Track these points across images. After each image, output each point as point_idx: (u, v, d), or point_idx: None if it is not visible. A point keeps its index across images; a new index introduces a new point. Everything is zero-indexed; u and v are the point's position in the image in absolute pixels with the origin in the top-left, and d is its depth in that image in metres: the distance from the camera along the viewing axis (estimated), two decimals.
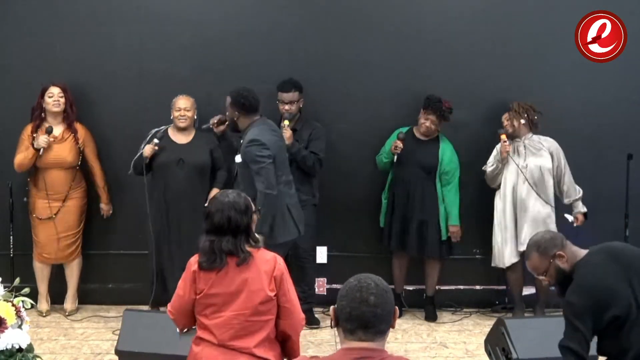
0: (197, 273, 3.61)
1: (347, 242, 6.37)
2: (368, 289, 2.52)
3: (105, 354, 5.42)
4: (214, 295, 3.58)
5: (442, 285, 6.39)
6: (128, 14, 6.20)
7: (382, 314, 2.51)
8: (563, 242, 3.72)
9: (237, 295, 3.57)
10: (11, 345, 3.49)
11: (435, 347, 5.69)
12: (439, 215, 6.04)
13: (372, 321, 2.50)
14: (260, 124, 5.16)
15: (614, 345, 3.58)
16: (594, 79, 6.21)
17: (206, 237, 3.61)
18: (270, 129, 5.22)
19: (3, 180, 6.08)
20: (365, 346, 2.51)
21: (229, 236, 3.58)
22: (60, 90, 5.95)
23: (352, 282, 2.57)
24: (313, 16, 6.26)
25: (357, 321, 2.51)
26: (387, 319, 2.53)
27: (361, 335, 2.51)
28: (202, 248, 3.60)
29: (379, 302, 2.51)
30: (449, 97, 6.12)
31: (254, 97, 5.19)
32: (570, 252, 3.69)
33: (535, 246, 3.74)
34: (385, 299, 2.52)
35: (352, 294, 2.53)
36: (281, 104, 5.89)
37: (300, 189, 5.81)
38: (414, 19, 6.28)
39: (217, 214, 3.59)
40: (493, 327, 4.65)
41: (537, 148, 5.95)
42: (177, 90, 5.95)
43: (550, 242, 3.71)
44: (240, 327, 3.57)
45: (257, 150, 4.99)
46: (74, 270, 6.16)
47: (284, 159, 5.33)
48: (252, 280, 3.58)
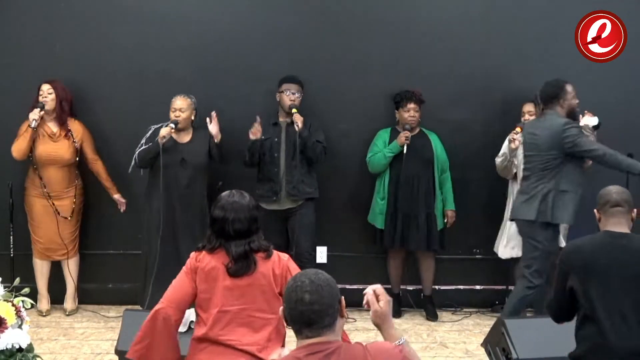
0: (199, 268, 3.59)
1: (347, 242, 6.37)
2: (302, 287, 2.52)
3: (105, 354, 5.42)
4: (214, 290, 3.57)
5: (442, 285, 6.39)
6: (128, 14, 6.20)
7: (320, 310, 2.50)
8: (608, 206, 3.73)
9: (243, 289, 3.57)
10: (11, 345, 3.49)
11: (435, 347, 5.69)
12: (437, 206, 6.09)
13: (313, 318, 2.50)
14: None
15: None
16: (594, 79, 6.21)
17: (235, 243, 3.57)
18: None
19: (3, 180, 6.08)
20: (314, 342, 2.52)
21: (254, 236, 3.60)
22: (49, 87, 5.94)
23: (289, 282, 2.58)
24: (312, 16, 6.26)
25: (299, 321, 2.52)
26: (328, 312, 2.52)
27: (307, 333, 2.53)
28: (237, 255, 3.55)
29: (314, 298, 2.50)
30: (448, 97, 6.17)
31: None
32: (605, 220, 3.74)
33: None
34: (321, 294, 2.51)
35: (289, 295, 2.54)
36: (286, 95, 5.91)
37: (305, 182, 5.84)
38: (413, 19, 6.28)
39: (244, 217, 3.58)
40: (493, 327, 4.66)
41: None
42: (177, 89, 5.94)
43: (600, 196, 3.78)
44: (244, 322, 3.55)
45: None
46: (72, 268, 6.16)
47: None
48: (259, 275, 3.58)
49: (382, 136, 6.11)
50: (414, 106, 6.03)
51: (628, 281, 3.56)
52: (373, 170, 6.11)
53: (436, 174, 6.08)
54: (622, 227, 3.70)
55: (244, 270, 3.56)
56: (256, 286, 3.58)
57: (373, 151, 6.08)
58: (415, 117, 6.04)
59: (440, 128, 6.19)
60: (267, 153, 5.92)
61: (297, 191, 5.88)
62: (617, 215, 3.71)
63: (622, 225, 3.71)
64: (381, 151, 6.03)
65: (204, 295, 3.59)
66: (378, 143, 6.08)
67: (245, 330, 3.56)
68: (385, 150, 6.02)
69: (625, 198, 3.75)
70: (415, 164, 6.00)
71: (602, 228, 3.76)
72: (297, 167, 5.83)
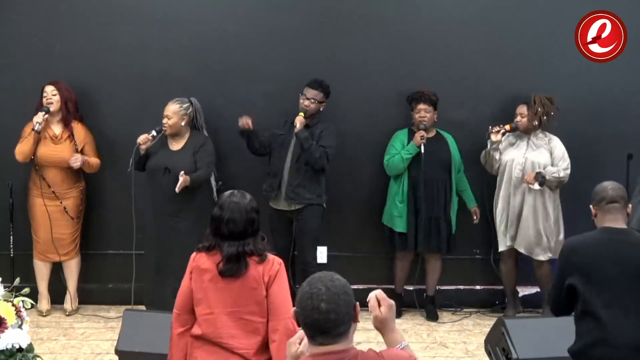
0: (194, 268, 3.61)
1: (347, 242, 6.37)
2: (319, 295, 2.48)
3: (105, 354, 5.42)
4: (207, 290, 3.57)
5: (442, 285, 6.39)
6: (128, 14, 6.19)
7: (336, 319, 2.48)
8: (604, 203, 3.74)
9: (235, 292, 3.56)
10: (11, 345, 3.49)
11: (435, 347, 5.69)
12: (453, 208, 6.10)
13: (327, 327, 2.48)
14: None
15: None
16: (594, 79, 6.21)
17: (228, 244, 3.56)
18: None
19: (3, 180, 6.08)
20: (328, 350, 2.50)
21: (249, 238, 3.57)
22: (53, 88, 5.95)
23: (304, 288, 2.54)
24: (313, 16, 6.26)
25: (313, 328, 2.50)
26: (344, 320, 2.50)
27: (321, 340, 2.50)
28: (227, 256, 3.54)
29: (331, 307, 2.47)
30: (450, 96, 6.16)
31: None
32: (601, 216, 3.75)
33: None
34: (338, 303, 2.48)
35: (304, 302, 2.51)
36: (301, 98, 5.87)
37: (305, 186, 5.82)
38: (415, 19, 6.27)
39: (239, 219, 3.56)
40: (493, 327, 4.66)
41: (538, 145, 5.95)
42: (177, 89, 5.94)
43: (595, 193, 3.80)
44: (236, 324, 3.56)
45: None
46: (73, 269, 6.16)
47: None
48: (251, 279, 3.57)
49: (400, 137, 6.07)
50: (424, 107, 6.00)
51: (627, 276, 3.60)
52: (391, 172, 6.06)
53: (453, 176, 6.08)
54: (619, 223, 3.73)
55: (233, 271, 3.54)
56: (247, 289, 3.57)
57: (390, 153, 6.04)
58: (425, 117, 6.00)
59: (439, 128, 6.18)
60: (277, 149, 5.92)
61: (295, 195, 5.85)
62: (613, 212, 3.73)
63: (619, 221, 3.73)
64: (399, 153, 6.00)
65: (198, 295, 3.60)
66: (395, 145, 6.05)
67: (238, 333, 3.57)
68: (403, 152, 5.97)
69: (620, 194, 3.77)
70: (433, 166, 5.98)
71: (598, 224, 3.78)
72: (299, 170, 5.83)
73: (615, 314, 3.55)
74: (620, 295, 3.57)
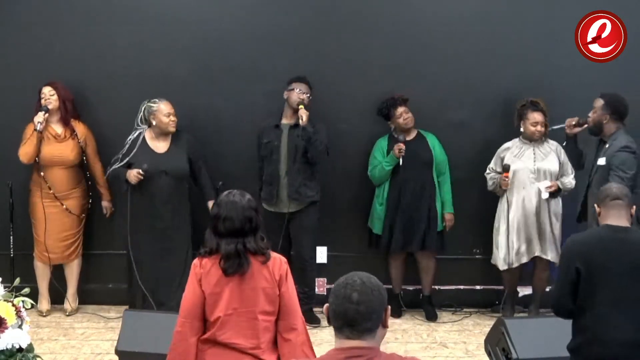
0: (203, 274, 3.60)
1: (347, 242, 6.37)
2: (353, 286, 2.50)
3: (105, 354, 5.43)
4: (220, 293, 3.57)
5: (442, 285, 6.39)
6: (128, 14, 6.20)
7: (365, 312, 2.48)
8: (608, 200, 3.79)
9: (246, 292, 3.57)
10: (11, 345, 3.49)
11: (435, 347, 5.69)
12: (437, 206, 6.08)
13: (356, 318, 2.48)
14: (625, 132, 5.43)
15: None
16: (594, 79, 6.21)
17: (226, 241, 3.57)
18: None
19: (3, 180, 6.08)
20: (354, 345, 2.50)
21: (250, 236, 3.58)
22: (51, 89, 5.95)
23: (340, 280, 2.56)
24: (313, 16, 6.26)
25: (342, 318, 2.50)
26: (372, 317, 2.50)
27: (348, 333, 2.50)
28: (226, 253, 3.55)
29: (362, 299, 2.48)
30: (450, 97, 6.17)
31: (626, 105, 5.46)
32: (605, 213, 3.79)
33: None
34: (370, 297, 2.49)
35: (338, 290, 2.52)
36: (296, 92, 5.86)
37: (307, 185, 5.83)
38: (414, 20, 6.28)
39: (236, 216, 3.56)
40: (493, 327, 4.66)
41: (546, 153, 5.93)
42: (177, 90, 5.95)
43: (600, 191, 3.88)
44: (247, 324, 3.56)
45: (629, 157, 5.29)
46: (73, 270, 6.17)
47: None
48: (262, 278, 3.58)
49: (381, 145, 6.09)
50: (403, 109, 6.02)
51: (627, 274, 3.63)
52: (376, 182, 6.10)
53: (435, 174, 6.09)
54: (622, 221, 3.75)
55: (235, 268, 3.55)
56: (259, 289, 3.58)
57: (372, 164, 6.08)
58: (408, 118, 6.02)
59: (439, 128, 6.19)
60: (268, 156, 5.91)
61: (299, 195, 5.87)
62: (617, 208, 3.76)
63: (622, 218, 3.76)
64: (380, 163, 6.02)
65: (210, 300, 3.59)
66: (377, 155, 6.07)
67: (249, 333, 3.57)
68: (384, 162, 5.99)
69: (624, 192, 3.83)
70: (414, 167, 5.99)
71: (602, 222, 3.81)
72: (299, 170, 5.83)
73: (613, 311, 3.58)
74: (617, 292, 3.60)
